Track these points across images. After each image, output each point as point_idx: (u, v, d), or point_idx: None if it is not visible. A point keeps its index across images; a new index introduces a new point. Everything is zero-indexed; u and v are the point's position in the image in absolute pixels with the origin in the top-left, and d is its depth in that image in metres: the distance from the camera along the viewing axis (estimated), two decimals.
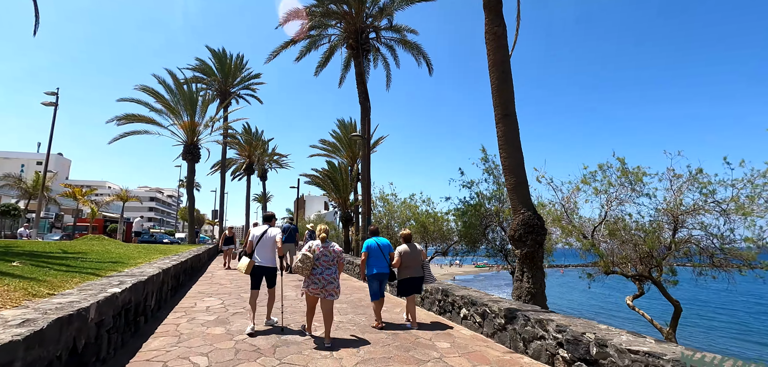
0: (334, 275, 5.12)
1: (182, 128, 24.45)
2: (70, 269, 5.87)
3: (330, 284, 5.04)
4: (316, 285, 5.02)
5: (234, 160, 42.83)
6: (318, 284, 5.01)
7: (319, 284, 5.01)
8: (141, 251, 11.92)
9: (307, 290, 5.10)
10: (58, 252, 8.32)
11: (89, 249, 10.14)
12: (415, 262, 6.28)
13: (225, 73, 31.57)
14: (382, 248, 6.33)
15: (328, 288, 5.02)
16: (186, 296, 8.21)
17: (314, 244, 5.19)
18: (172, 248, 15.44)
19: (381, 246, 6.35)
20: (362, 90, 16.73)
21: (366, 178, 16.10)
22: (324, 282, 5.02)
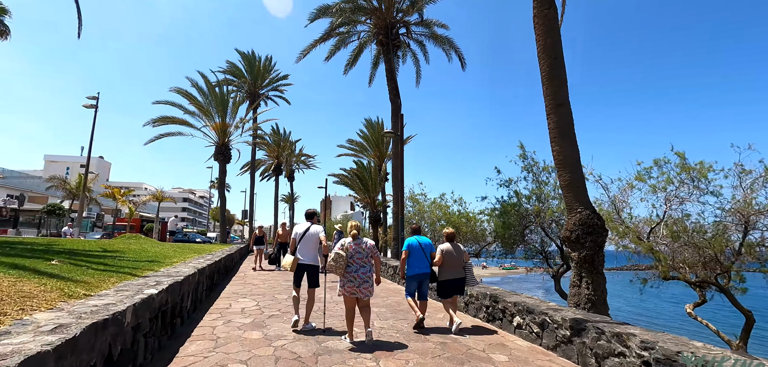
0: (368, 273, 4.97)
1: (214, 129, 24.88)
2: (107, 269, 5.74)
3: (365, 283, 4.90)
4: (351, 283, 4.89)
5: (262, 161, 43.50)
6: (353, 283, 4.88)
7: (355, 283, 4.87)
8: (176, 249, 12.00)
9: (343, 291, 4.96)
10: (97, 251, 8.37)
11: (126, 248, 10.23)
12: (458, 263, 5.99)
13: (254, 75, 32.02)
14: (424, 247, 6.04)
15: (362, 287, 4.89)
16: (220, 297, 8.04)
17: (346, 241, 5.04)
18: (205, 247, 15.56)
19: (423, 245, 6.06)
20: (392, 87, 16.32)
21: (398, 177, 15.66)
22: (359, 280, 4.88)
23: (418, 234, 6.29)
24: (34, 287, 3.73)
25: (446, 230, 6.40)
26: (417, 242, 6.06)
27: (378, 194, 22.57)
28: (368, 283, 4.94)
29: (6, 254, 5.57)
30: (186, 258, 9.36)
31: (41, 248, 7.55)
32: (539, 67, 7.07)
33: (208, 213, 78.24)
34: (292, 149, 43.81)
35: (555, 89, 6.78)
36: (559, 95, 6.75)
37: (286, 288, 9.35)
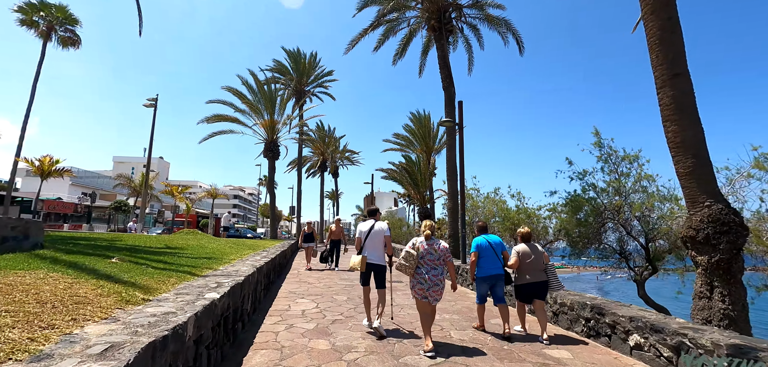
0: (440, 276, 4.64)
1: (263, 127, 25.21)
2: (166, 268, 5.40)
3: (435, 286, 4.57)
4: (421, 286, 4.59)
5: (308, 158, 44.03)
6: (422, 285, 4.58)
7: (424, 286, 4.57)
8: (231, 245, 11.91)
9: (414, 292, 4.71)
10: (157, 247, 8.29)
11: (185, 244, 10.21)
12: (538, 265, 5.41)
13: (300, 71, 32.24)
14: (494, 246, 5.52)
15: (432, 291, 4.56)
16: (278, 297, 7.62)
17: (418, 241, 4.75)
18: (258, 243, 15.54)
19: (493, 244, 5.54)
20: (446, 74, 15.34)
21: (455, 169, 14.68)
22: (429, 283, 4.56)
23: (485, 232, 5.77)
24: (90, 290, 3.32)
25: (521, 229, 5.81)
26: (486, 242, 5.54)
27: (427, 189, 21.68)
28: (439, 287, 4.58)
29: (69, 251, 5.43)
30: (242, 255, 9.10)
31: (104, 244, 7.55)
32: (646, 32, 5.86)
33: (257, 209, 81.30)
34: (336, 146, 43.96)
35: (669, 57, 5.56)
36: (676, 63, 5.52)
37: (343, 288, 8.80)
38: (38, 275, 3.52)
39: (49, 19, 25.96)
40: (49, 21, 26.00)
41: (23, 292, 2.97)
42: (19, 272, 3.56)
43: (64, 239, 7.94)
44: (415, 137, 29.73)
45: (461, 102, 11.42)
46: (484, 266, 5.42)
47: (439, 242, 4.78)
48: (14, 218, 4.27)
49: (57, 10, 26.08)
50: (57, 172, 21.74)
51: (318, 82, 34.56)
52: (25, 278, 3.35)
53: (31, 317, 2.49)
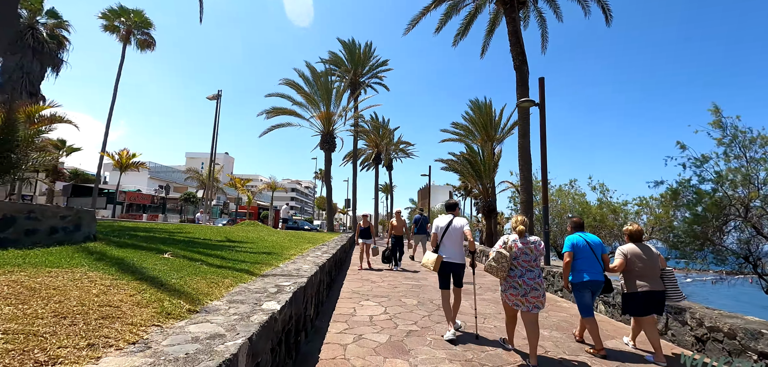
0: (538, 279, 4.07)
1: (319, 119, 25.12)
2: (223, 265, 4.80)
3: (533, 292, 4.00)
4: (515, 291, 4.05)
5: (362, 151, 43.81)
6: (517, 290, 4.04)
7: (519, 291, 4.02)
8: (291, 238, 11.53)
9: (505, 296, 4.21)
10: (217, 240, 7.96)
11: (245, 236, 9.93)
12: (652, 270, 4.44)
13: (355, 62, 31.82)
14: (593, 247, 4.67)
15: (530, 297, 3.99)
16: (341, 297, 6.87)
17: (511, 239, 4.21)
18: (316, 236, 15.17)
19: (592, 244, 4.69)
20: (518, 51, 13.70)
21: (526, 157, 13.11)
22: (525, 288, 4.01)
23: (580, 230, 4.91)
24: (127, 297, 2.67)
25: (629, 226, 4.87)
26: (583, 241, 4.70)
27: (491, 181, 20.04)
28: (538, 292, 3.99)
29: (122, 245, 5.05)
30: (302, 249, 8.53)
31: (163, 237, 7.32)
32: None
33: (313, 202, 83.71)
34: (390, 138, 43.24)
35: None
36: None
37: (410, 289, 7.86)
38: (74, 276, 2.96)
39: (128, 23, 28.07)
40: (128, 25, 28.10)
41: (44, 299, 2.35)
42: (53, 270, 3.04)
43: (122, 230, 7.86)
44: (475, 126, 27.95)
45: (542, 79, 9.87)
46: (581, 270, 4.56)
47: (536, 240, 4.15)
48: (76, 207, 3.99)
49: (135, 15, 28.11)
50: (133, 165, 23.43)
51: (373, 72, 33.97)
52: (57, 279, 2.78)
53: (32, 339, 1.80)
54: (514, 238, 4.18)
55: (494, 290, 8.39)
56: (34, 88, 25.02)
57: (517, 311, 4.13)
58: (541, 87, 9.87)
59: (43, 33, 25.32)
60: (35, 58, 24.81)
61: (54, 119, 13.66)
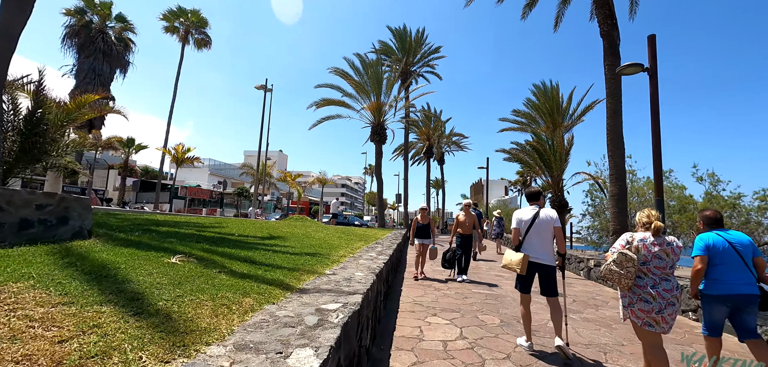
0: (675, 292, 3.05)
1: (369, 109, 24.03)
2: (249, 272, 3.62)
3: (670, 307, 3.01)
4: (647, 305, 3.04)
5: (413, 144, 42.29)
6: (650, 305, 3.03)
7: (653, 306, 3.02)
8: (340, 235, 10.40)
9: (632, 314, 3.16)
10: (253, 238, 6.91)
11: (290, 232, 8.94)
12: None
13: (406, 50, 30.35)
14: (739, 249, 3.36)
15: (667, 314, 3.00)
16: (401, 311, 5.51)
17: (637, 238, 3.20)
18: (368, 233, 13.99)
19: (736, 245, 3.38)
20: (606, 13, 11.41)
21: (617, 140, 10.88)
22: (661, 303, 3.01)
23: (719, 227, 3.59)
24: (46, 347, 1.47)
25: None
26: (724, 241, 3.42)
27: (563, 172, 17.60)
28: (674, 308, 3.04)
29: (127, 243, 4.07)
30: (353, 248, 7.29)
31: (190, 232, 6.39)
32: None
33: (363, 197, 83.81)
34: (442, 130, 41.26)
35: None
36: None
37: (484, 301, 6.30)
38: None
39: (186, 23, 29.06)
40: (187, 25, 29.10)
41: None
42: None
43: (145, 223, 7.06)
44: (539, 113, 25.27)
45: (653, 36, 7.74)
46: (720, 279, 3.38)
47: (673, 241, 3.16)
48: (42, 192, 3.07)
49: (192, 15, 29.02)
50: (188, 159, 24.01)
51: (424, 60, 32.28)
52: None
53: None
54: (643, 237, 3.20)
55: (597, 306, 6.55)
56: (105, 89, 26.65)
57: (654, 333, 3.12)
58: (652, 47, 7.73)
59: (112, 36, 26.88)
60: (105, 61, 26.38)
61: (102, 109, 13.70)
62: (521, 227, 4.24)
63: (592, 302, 6.84)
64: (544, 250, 4.11)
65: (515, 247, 4.28)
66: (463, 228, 8.00)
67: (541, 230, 4.12)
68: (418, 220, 8.38)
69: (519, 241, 4.24)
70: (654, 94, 7.61)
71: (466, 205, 8.08)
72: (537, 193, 4.47)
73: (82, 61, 25.85)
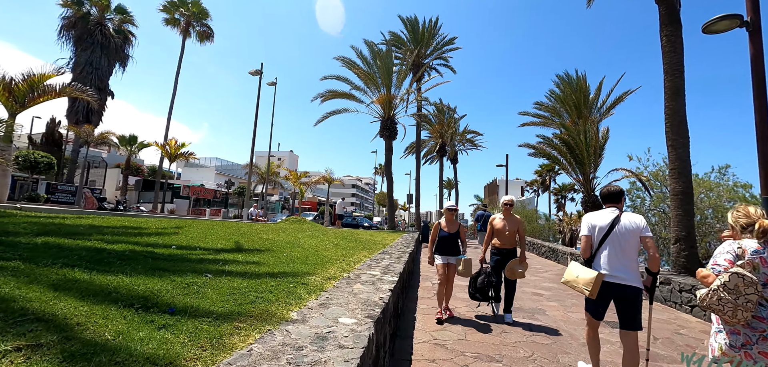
0: None
1: (379, 103, 22.29)
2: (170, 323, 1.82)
3: None
4: None
5: (425, 142, 40.40)
6: None
7: None
8: (340, 241, 8.64)
9: (745, 356, 2.33)
10: (202, 253, 5.01)
11: (273, 240, 7.19)
12: None
13: (418, 42, 28.53)
14: None
15: None
16: (415, 360, 3.70)
17: (750, 248, 2.36)
18: (375, 237, 12.22)
19: None
20: None
21: (680, 125, 8.93)
22: None
23: None
24: None
25: None
26: None
27: (597, 168, 15.55)
28: None
29: None
30: (351, 262, 5.53)
31: (111, 245, 4.62)
32: None
33: (373, 198, 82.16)
34: (456, 127, 39.23)
35: None
36: None
37: (537, 350, 4.42)
38: None
39: (187, 14, 27.82)
40: (188, 17, 27.86)
41: None
42: None
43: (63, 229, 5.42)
44: (564, 105, 23.17)
45: None
46: None
47: None
48: None
49: (193, 5, 27.75)
50: (182, 155, 22.62)
51: (437, 52, 30.38)
52: None
53: None
54: (756, 248, 2.33)
55: (686, 345, 4.61)
56: (103, 83, 25.57)
57: None
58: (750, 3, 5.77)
59: (111, 28, 25.78)
60: (103, 54, 25.27)
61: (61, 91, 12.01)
62: (594, 236, 3.28)
63: (680, 340, 4.91)
64: (626, 266, 3.13)
65: (585, 260, 3.31)
66: (502, 239, 5.20)
67: (622, 240, 3.17)
68: (442, 226, 5.33)
69: (590, 253, 3.28)
70: (757, 57, 5.64)
71: (506, 205, 5.28)
72: (618, 192, 3.48)
73: (79, 54, 24.78)
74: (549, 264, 12.74)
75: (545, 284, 8.63)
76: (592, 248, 3.27)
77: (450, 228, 5.26)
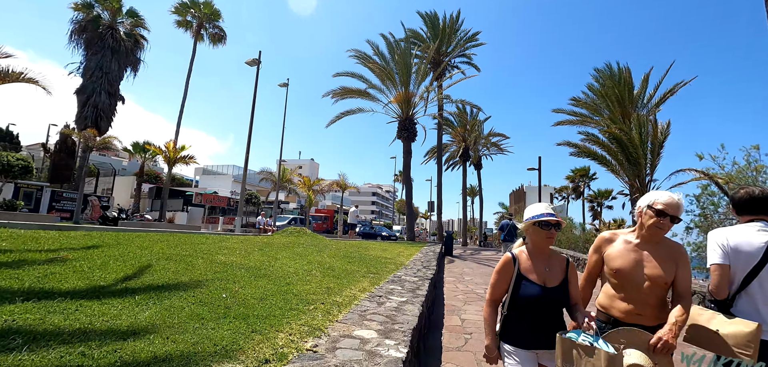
0: None
1: (397, 102, 20.41)
2: None
3: None
4: None
5: (447, 146, 38.15)
6: None
7: None
8: (334, 263, 6.69)
9: None
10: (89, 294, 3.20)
11: (231, 264, 5.28)
12: None
13: (438, 38, 26.54)
14: None
15: None
16: None
17: None
18: (389, 250, 10.24)
19: None
20: None
21: None
22: None
23: None
24: None
25: None
26: None
27: (654, 170, 13.04)
28: None
29: None
30: (333, 308, 3.57)
31: None
32: None
33: (393, 206, 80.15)
34: (480, 130, 36.82)
35: None
36: None
37: None
38: None
39: (198, 16, 26.95)
40: (199, 18, 26.99)
41: None
42: None
43: None
44: (605, 100, 20.55)
45: None
46: None
47: None
48: None
49: (204, 7, 26.85)
50: (182, 159, 21.36)
51: (460, 50, 28.26)
52: None
53: None
54: None
55: None
56: (113, 87, 24.88)
57: None
58: None
59: (122, 32, 25.12)
60: (114, 58, 24.57)
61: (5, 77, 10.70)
62: (738, 265, 1.99)
63: None
64: None
65: (721, 302, 2.01)
66: (633, 293, 2.00)
67: None
68: (523, 266, 2.03)
69: (727, 293, 2.00)
70: None
71: (661, 215, 1.94)
72: None
73: (89, 58, 24.18)
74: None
75: None
76: (727, 282, 2.05)
77: (546, 273, 2.01)
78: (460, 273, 10.67)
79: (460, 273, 10.67)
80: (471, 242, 51.07)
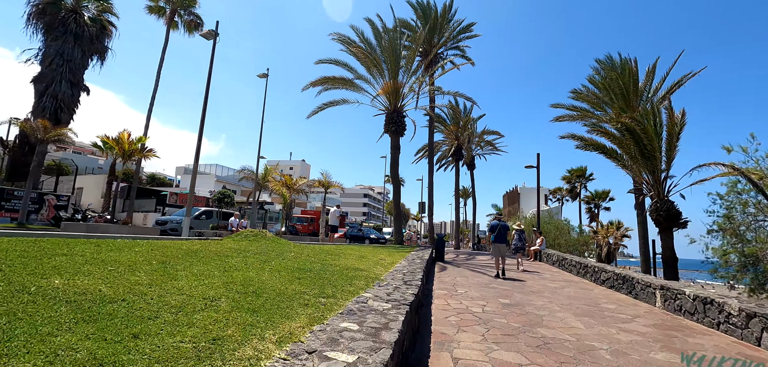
0: None
1: (384, 93, 18.69)
2: None
3: None
4: None
5: (439, 145, 36.53)
6: None
7: None
8: (284, 283, 4.93)
9: None
10: None
11: (100, 289, 3.42)
12: None
13: (429, 28, 24.91)
14: None
15: None
16: None
17: None
18: (366, 261, 8.50)
19: None
20: None
21: None
22: None
23: None
24: None
25: None
26: None
27: (671, 164, 11.52)
28: None
29: None
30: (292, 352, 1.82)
31: None
32: None
33: (383, 207, 78.41)
34: (473, 128, 35.30)
35: None
36: None
37: None
38: None
39: (172, 2, 25.01)
40: (173, 4, 25.04)
41: None
42: None
43: None
44: (608, 93, 19.11)
45: None
46: None
47: None
48: None
49: None
50: (140, 152, 19.37)
51: (453, 41, 26.68)
52: None
53: None
54: None
55: None
56: (76, 77, 22.76)
57: None
58: None
59: (86, 17, 23.07)
60: (77, 45, 22.49)
61: None
62: None
63: None
64: None
65: None
66: None
67: None
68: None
69: None
70: None
71: None
72: None
73: (49, 44, 22.05)
74: (623, 299, 8.60)
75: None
76: None
77: None
78: (453, 284, 8.97)
79: (453, 284, 8.97)
80: (464, 245, 49.47)
